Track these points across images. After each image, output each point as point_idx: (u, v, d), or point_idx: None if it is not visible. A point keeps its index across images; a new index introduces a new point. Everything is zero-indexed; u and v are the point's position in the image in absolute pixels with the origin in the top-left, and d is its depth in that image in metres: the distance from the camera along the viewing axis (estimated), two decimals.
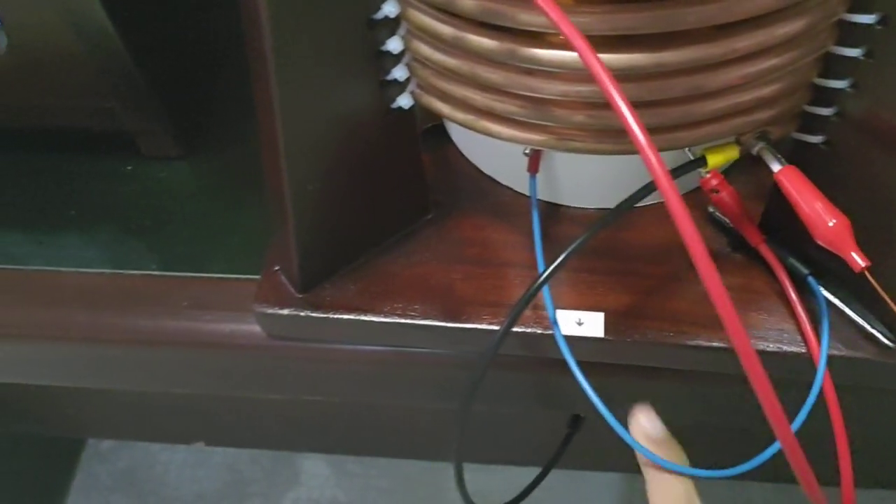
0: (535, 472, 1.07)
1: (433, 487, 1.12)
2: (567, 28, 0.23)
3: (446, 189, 0.42)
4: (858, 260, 0.29)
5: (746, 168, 0.41)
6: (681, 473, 0.32)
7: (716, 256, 0.39)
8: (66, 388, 0.96)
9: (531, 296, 0.31)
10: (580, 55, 0.22)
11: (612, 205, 0.40)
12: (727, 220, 0.38)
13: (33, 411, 1.02)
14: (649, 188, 0.32)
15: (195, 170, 0.47)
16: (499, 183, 0.42)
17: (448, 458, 0.45)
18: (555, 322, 0.35)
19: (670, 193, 0.21)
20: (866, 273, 0.30)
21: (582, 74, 0.29)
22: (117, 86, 0.42)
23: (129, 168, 0.47)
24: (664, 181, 0.21)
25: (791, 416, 0.35)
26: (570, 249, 0.31)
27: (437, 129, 0.44)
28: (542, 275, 0.31)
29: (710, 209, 0.39)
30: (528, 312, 0.37)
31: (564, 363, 0.35)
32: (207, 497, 1.13)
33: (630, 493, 1.06)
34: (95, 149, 0.48)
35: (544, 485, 1.09)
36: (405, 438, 1.03)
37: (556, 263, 0.31)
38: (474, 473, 1.10)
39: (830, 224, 0.30)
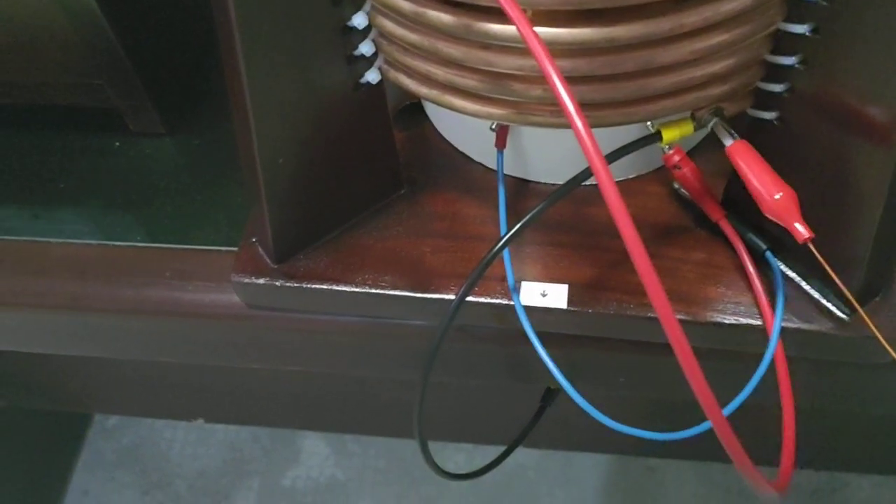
0: (526, 451, 1.09)
1: (428, 468, 1.13)
2: (505, 1, 0.24)
3: (421, 165, 0.43)
4: (802, 231, 0.30)
5: (711, 146, 0.41)
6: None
7: (680, 232, 0.40)
8: (71, 364, 0.98)
9: (486, 264, 0.32)
10: (516, 27, 0.23)
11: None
12: (691, 197, 0.39)
13: (39, 386, 1.04)
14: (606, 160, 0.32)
15: (181, 146, 0.48)
16: (471, 159, 0.43)
17: (444, 437, 0.46)
18: (514, 291, 0.36)
19: (595, 159, 0.22)
20: (810, 245, 0.31)
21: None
22: (103, 63, 0.44)
23: (118, 144, 0.48)
24: (589, 146, 0.22)
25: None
26: (523, 221, 0.32)
27: (414, 107, 0.45)
28: (497, 244, 0.32)
29: (676, 186, 0.40)
30: (493, 284, 0.38)
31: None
32: (208, 474, 1.16)
33: (619, 473, 1.07)
34: (86, 125, 0.49)
35: (537, 465, 1.10)
36: (402, 417, 1.05)
37: (509, 234, 0.32)
38: (468, 453, 1.12)
39: (777, 197, 0.31)
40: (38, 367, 0.99)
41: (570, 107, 0.22)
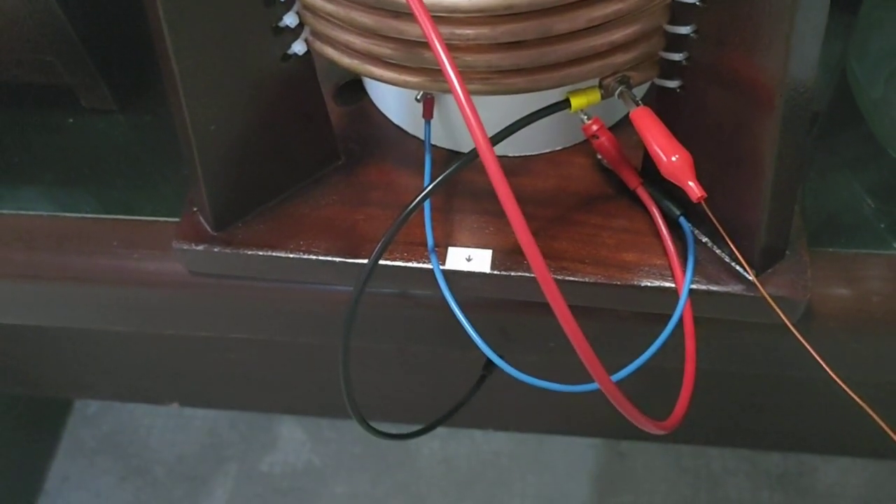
0: (500, 438, 1.10)
1: (404, 454, 1.15)
2: None
3: (359, 138, 0.45)
4: (695, 189, 0.32)
5: None
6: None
7: (602, 200, 0.41)
8: (48, 349, 0.99)
9: (397, 228, 0.34)
10: None
11: (509, 151, 0.43)
12: (611, 166, 0.41)
13: (18, 372, 1.05)
14: (512, 128, 0.34)
15: (133, 122, 0.50)
16: (407, 133, 0.45)
17: (418, 421, 0.48)
18: (433, 254, 0.38)
19: (472, 120, 0.24)
20: (704, 205, 0.32)
21: (438, 17, 0.31)
22: (53, 40, 0.45)
23: (71, 120, 0.50)
24: (462, 97, 0.23)
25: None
26: (429, 188, 0.34)
27: (355, 83, 0.46)
28: (407, 207, 0.34)
29: (599, 156, 0.42)
30: (419, 249, 0.39)
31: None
32: (187, 460, 1.17)
33: (590, 459, 1.09)
34: (40, 102, 0.51)
35: (510, 452, 1.12)
36: (377, 402, 1.06)
37: (419, 198, 0.33)
38: (444, 440, 1.13)
39: (673, 159, 0.32)
40: (17, 353, 1.01)
41: (446, 62, 0.24)
